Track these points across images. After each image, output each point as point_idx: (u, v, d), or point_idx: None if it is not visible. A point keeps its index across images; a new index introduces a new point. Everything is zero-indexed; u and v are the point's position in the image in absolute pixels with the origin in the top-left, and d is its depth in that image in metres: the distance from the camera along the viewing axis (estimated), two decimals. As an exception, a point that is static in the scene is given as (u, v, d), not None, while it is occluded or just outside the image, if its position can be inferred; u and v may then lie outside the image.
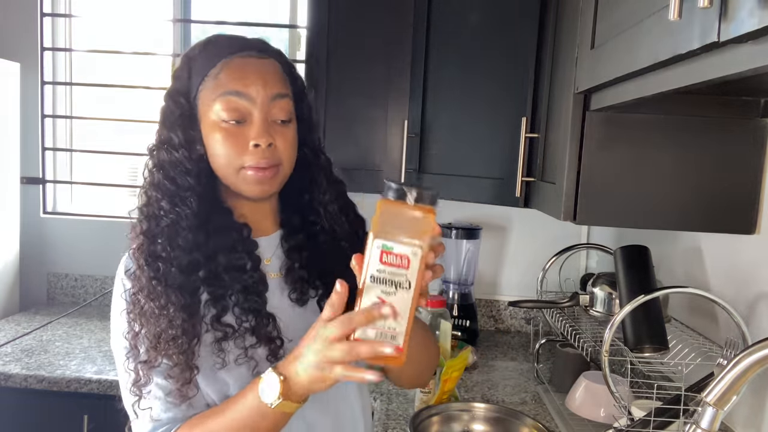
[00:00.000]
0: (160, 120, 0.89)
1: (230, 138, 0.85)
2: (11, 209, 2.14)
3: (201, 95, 0.87)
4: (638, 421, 1.07)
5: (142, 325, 0.84)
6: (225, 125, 0.85)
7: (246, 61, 0.87)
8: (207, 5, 2.28)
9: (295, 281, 0.94)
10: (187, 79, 0.88)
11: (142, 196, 0.89)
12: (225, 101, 0.85)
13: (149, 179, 0.88)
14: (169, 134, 0.87)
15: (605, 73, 0.85)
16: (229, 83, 0.85)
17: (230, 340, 0.86)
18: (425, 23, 1.72)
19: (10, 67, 2.11)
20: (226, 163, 0.87)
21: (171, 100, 0.89)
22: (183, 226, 0.85)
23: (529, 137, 1.42)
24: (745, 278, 1.14)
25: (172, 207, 0.86)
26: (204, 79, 0.87)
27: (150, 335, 0.83)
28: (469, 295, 2.04)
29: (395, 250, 0.66)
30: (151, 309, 0.83)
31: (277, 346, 0.88)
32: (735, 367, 0.64)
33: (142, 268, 0.84)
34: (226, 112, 0.85)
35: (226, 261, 0.87)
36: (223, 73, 0.86)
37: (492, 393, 1.57)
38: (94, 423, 1.60)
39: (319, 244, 0.95)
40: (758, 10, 0.47)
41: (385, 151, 1.80)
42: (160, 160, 0.87)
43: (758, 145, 1.05)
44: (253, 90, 0.85)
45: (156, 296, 0.83)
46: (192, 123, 0.87)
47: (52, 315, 2.04)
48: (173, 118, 0.87)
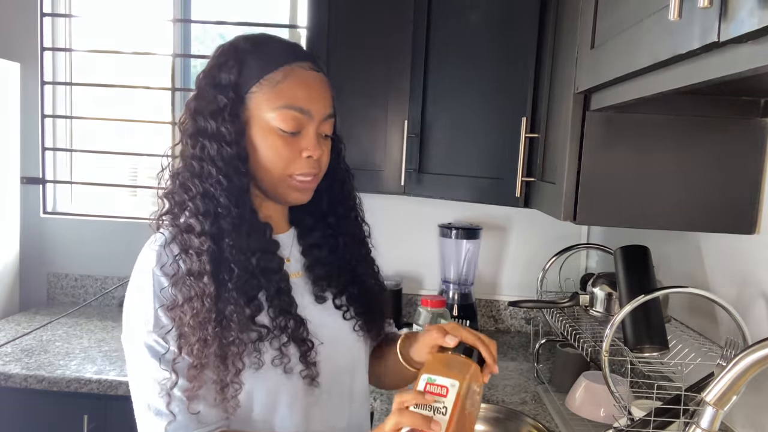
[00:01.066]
0: (195, 106, 0.87)
1: (286, 146, 0.87)
2: (11, 209, 2.14)
3: (255, 96, 0.86)
4: (638, 421, 1.06)
5: (190, 325, 0.81)
6: (281, 133, 0.87)
7: (308, 74, 0.89)
8: (207, 5, 2.28)
9: (317, 279, 0.97)
10: (237, 73, 0.86)
11: (186, 185, 0.85)
12: (287, 114, 0.86)
13: (197, 169, 0.85)
14: (218, 127, 0.85)
15: (605, 73, 0.85)
16: (293, 97, 0.86)
17: (266, 340, 0.86)
18: (425, 23, 1.72)
19: (10, 67, 2.11)
20: (276, 169, 0.88)
21: (216, 89, 0.86)
22: (241, 228, 0.85)
23: (529, 137, 1.42)
24: (745, 278, 1.14)
25: (232, 206, 0.84)
26: (260, 82, 0.86)
27: (200, 335, 0.81)
28: (469, 295, 2.04)
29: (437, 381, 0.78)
30: (206, 310, 0.81)
31: (308, 348, 0.88)
32: (735, 367, 0.64)
33: (202, 268, 0.82)
34: (286, 123, 0.86)
35: (262, 262, 0.87)
36: (287, 83, 0.87)
37: (492, 393, 1.57)
38: (94, 423, 1.60)
39: (333, 245, 0.99)
40: (758, 10, 0.47)
41: (385, 151, 1.80)
42: (208, 153, 0.85)
43: (758, 145, 1.05)
44: (314, 108, 0.88)
45: (216, 298, 0.82)
46: (238, 118, 0.86)
47: (52, 315, 2.04)
48: (217, 109, 0.85)
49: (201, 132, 0.85)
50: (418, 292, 2.20)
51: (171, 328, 0.82)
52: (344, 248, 1.00)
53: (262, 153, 0.87)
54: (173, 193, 0.86)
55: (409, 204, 2.12)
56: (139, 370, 0.85)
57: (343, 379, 0.97)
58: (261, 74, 0.86)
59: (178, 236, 0.84)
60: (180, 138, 0.88)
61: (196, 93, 0.88)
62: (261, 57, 0.87)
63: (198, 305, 0.81)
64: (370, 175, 1.78)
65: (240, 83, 0.86)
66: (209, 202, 0.84)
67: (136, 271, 0.88)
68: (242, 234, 0.85)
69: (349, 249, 1.00)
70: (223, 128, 0.84)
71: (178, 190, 0.86)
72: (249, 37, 0.90)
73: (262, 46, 0.89)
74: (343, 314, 0.98)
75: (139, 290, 0.86)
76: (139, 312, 0.85)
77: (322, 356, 0.90)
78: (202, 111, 0.86)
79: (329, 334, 0.93)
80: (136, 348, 0.85)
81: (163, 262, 0.84)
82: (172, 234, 0.85)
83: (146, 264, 0.86)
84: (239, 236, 0.84)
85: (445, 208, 2.11)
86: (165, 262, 0.84)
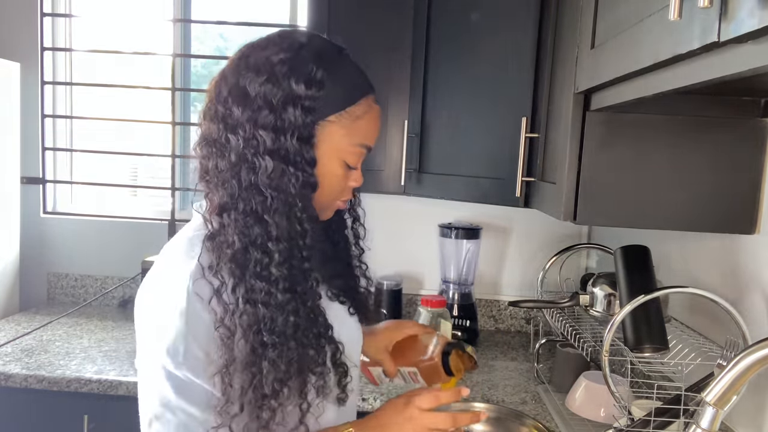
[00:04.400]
0: (271, 121, 0.77)
1: (345, 178, 0.86)
2: (11, 209, 2.14)
3: (330, 126, 0.81)
4: (638, 421, 1.07)
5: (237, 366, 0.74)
6: (345, 167, 0.85)
7: (377, 111, 0.88)
8: (207, 5, 2.28)
9: (327, 277, 0.97)
10: (313, 96, 0.78)
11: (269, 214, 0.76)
12: (359, 151, 0.85)
13: (282, 192, 0.77)
14: (300, 147, 0.77)
15: (605, 73, 0.85)
16: (368, 136, 0.86)
17: (313, 382, 0.82)
18: (425, 23, 1.72)
19: (10, 67, 2.11)
20: (329, 197, 0.87)
21: (294, 107, 0.77)
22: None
23: (529, 137, 1.42)
24: (745, 278, 1.14)
25: (308, 245, 0.79)
26: (340, 113, 0.82)
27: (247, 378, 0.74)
28: (469, 294, 2.04)
29: None
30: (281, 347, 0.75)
31: (345, 371, 0.86)
32: (735, 367, 0.64)
33: (275, 284, 0.75)
34: (354, 159, 0.86)
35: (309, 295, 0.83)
36: (366, 120, 0.85)
37: (492, 393, 1.57)
38: (94, 423, 1.60)
39: (334, 240, 0.99)
40: (758, 10, 0.47)
41: (385, 151, 1.80)
42: (288, 176, 0.77)
43: (758, 145, 1.05)
44: (373, 145, 0.88)
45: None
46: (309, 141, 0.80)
47: (52, 315, 2.04)
48: (293, 128, 0.77)
49: (277, 151, 0.77)
50: (418, 292, 2.20)
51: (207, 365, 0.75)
52: (344, 243, 1.00)
53: (324, 178, 0.83)
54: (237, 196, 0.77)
55: (409, 204, 2.12)
56: (160, 404, 0.79)
57: (354, 376, 0.97)
58: (341, 105, 0.82)
59: (283, 273, 0.76)
60: (236, 135, 0.77)
61: (262, 102, 0.77)
62: (343, 84, 0.82)
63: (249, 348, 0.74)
64: (370, 175, 1.77)
65: (319, 108, 0.79)
66: (301, 240, 0.78)
67: (164, 279, 0.79)
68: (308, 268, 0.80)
69: (347, 244, 1.01)
70: (303, 149, 0.78)
71: (244, 194, 0.76)
72: (320, 54, 0.81)
73: (341, 71, 0.82)
74: (348, 309, 0.99)
75: (175, 311, 0.75)
76: (168, 331, 0.76)
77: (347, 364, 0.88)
78: (272, 126, 0.77)
79: (347, 333, 0.93)
80: (154, 374, 0.78)
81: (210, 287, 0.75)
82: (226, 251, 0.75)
83: (188, 285, 0.75)
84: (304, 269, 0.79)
85: (445, 208, 2.11)
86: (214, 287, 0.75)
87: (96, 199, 2.36)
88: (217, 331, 0.73)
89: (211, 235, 0.77)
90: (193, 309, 0.74)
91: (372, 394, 1.53)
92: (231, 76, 0.80)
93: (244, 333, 0.73)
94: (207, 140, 0.79)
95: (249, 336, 0.73)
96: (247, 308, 0.73)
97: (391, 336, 1.10)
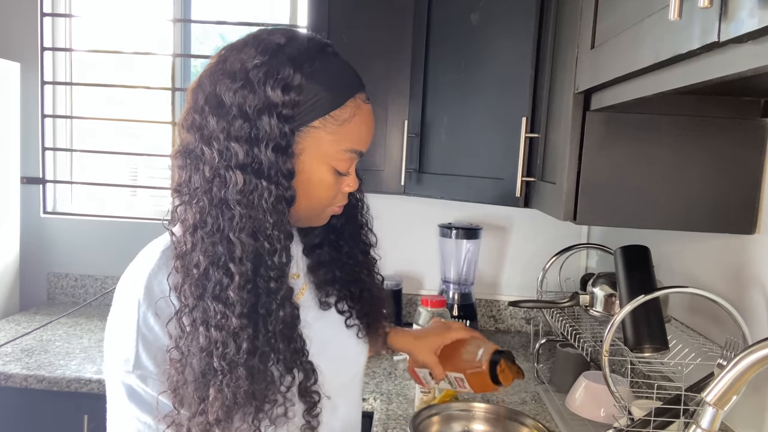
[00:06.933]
0: (245, 132, 0.71)
1: (335, 185, 0.81)
2: (11, 209, 2.14)
3: (315, 132, 0.76)
4: (638, 421, 1.06)
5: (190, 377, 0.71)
6: (334, 173, 0.80)
7: (368, 111, 0.82)
8: (207, 5, 2.28)
9: (321, 283, 0.94)
10: (291, 102, 0.73)
11: (231, 230, 0.71)
12: (348, 156, 0.80)
13: (245, 208, 0.72)
14: (275, 159, 0.72)
15: (605, 73, 0.85)
16: (358, 141, 0.80)
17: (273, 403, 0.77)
18: (425, 23, 1.72)
19: (10, 67, 2.11)
20: (319, 203, 0.82)
21: (269, 115, 0.72)
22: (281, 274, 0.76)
23: (529, 137, 1.42)
24: (745, 278, 1.14)
25: (279, 263, 0.74)
26: (324, 117, 0.76)
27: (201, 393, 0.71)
28: (469, 295, 2.04)
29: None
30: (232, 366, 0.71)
31: (314, 403, 0.80)
32: (735, 367, 0.64)
33: (231, 307, 0.70)
34: (343, 165, 0.80)
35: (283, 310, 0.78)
36: (354, 123, 0.78)
37: (492, 393, 1.57)
38: (94, 423, 1.60)
39: (335, 244, 0.96)
40: (758, 10, 0.47)
41: (385, 150, 1.80)
42: (260, 194, 0.72)
43: (758, 145, 1.05)
44: (366, 148, 0.83)
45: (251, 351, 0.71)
46: (291, 150, 0.75)
47: (52, 315, 2.04)
48: (267, 139, 0.72)
49: (250, 163, 0.72)
50: (418, 292, 2.20)
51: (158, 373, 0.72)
52: (348, 249, 0.97)
53: (308, 185, 0.79)
54: (204, 211, 0.73)
55: (409, 204, 2.12)
56: (118, 410, 0.78)
57: (349, 392, 0.96)
58: (326, 108, 0.76)
59: (242, 285, 0.71)
60: (210, 148, 0.73)
61: (236, 112, 0.72)
62: (326, 86, 0.75)
63: (208, 357, 0.70)
64: (370, 175, 1.78)
65: (299, 114, 0.74)
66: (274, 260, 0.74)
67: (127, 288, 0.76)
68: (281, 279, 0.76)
69: (352, 250, 0.98)
70: (280, 163, 0.73)
71: (212, 210, 0.72)
72: (299, 55, 0.75)
73: (323, 72, 0.76)
74: (346, 321, 0.97)
75: (131, 320, 0.74)
76: (128, 345, 0.73)
77: (329, 373, 0.85)
78: (246, 138, 0.72)
79: (335, 349, 0.91)
80: (114, 385, 0.77)
81: (164, 290, 0.73)
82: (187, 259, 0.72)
83: (143, 293, 0.74)
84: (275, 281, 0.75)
85: (445, 208, 2.12)
86: (166, 291, 0.72)
87: (96, 199, 2.36)
88: (169, 353, 0.71)
89: (180, 254, 0.73)
90: (149, 328, 0.72)
91: (372, 395, 1.53)
92: (208, 82, 0.75)
93: (195, 356, 0.70)
94: (183, 151, 0.75)
95: (200, 359, 0.70)
96: (201, 331, 0.70)
97: (441, 339, 1.07)
